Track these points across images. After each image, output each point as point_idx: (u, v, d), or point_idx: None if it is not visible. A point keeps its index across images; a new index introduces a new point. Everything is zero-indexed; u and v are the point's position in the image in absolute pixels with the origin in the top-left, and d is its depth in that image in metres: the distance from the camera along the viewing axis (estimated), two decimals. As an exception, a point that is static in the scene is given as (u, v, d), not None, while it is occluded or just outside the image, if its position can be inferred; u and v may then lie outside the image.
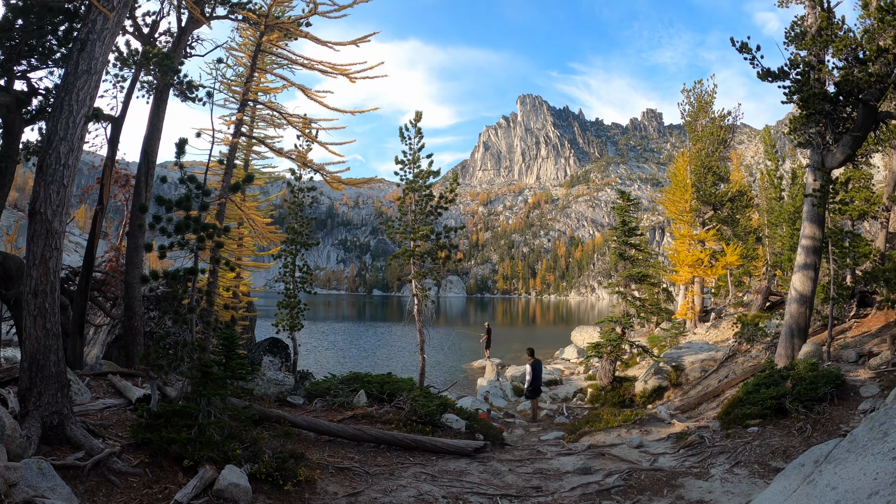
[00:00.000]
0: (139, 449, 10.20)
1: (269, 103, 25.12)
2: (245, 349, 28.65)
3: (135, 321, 20.52)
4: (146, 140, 21.46)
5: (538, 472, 14.00)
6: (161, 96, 21.55)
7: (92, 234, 19.72)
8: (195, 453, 9.99)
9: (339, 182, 23.91)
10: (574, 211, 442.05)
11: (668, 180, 59.77)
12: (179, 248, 12.35)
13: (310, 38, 22.93)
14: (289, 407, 17.87)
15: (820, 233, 21.15)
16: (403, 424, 16.51)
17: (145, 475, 9.47)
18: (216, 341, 13.66)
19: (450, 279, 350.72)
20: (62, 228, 10.27)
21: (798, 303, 21.28)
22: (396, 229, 29.32)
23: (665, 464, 13.96)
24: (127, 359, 20.22)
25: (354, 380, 20.08)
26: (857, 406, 14.32)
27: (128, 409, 13.19)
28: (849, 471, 6.50)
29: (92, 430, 10.53)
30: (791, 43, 20.32)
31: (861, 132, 19.02)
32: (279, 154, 24.04)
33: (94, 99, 10.89)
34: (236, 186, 16.08)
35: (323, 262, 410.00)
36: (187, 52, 22.81)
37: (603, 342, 30.84)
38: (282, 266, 32.36)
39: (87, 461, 9.06)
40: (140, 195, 21.04)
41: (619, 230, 32.99)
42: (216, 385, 10.99)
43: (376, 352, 60.90)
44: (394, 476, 12.72)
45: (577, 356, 54.14)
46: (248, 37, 25.15)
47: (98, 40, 10.83)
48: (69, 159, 10.25)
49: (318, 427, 14.94)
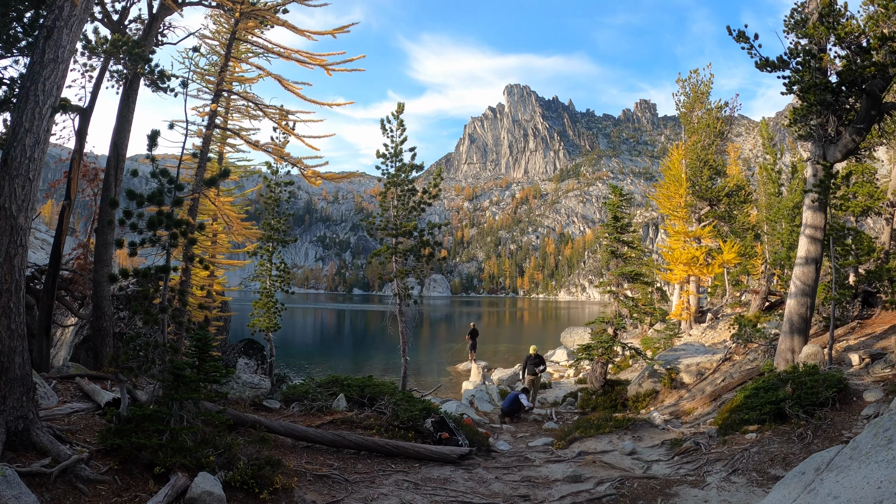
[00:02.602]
0: (108, 455, 10.17)
1: (245, 94, 25.06)
2: (219, 351, 28.66)
3: (104, 321, 20.42)
4: (116, 132, 21.31)
5: (526, 480, 14.01)
6: (131, 86, 21.42)
7: (59, 231, 19.63)
8: (167, 460, 9.98)
9: (317, 177, 23.88)
10: (564, 206, 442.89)
11: (662, 174, 59.72)
12: (151, 244, 12.34)
13: (287, 26, 22.89)
14: (265, 411, 17.83)
15: (822, 221, 21.05)
16: (385, 430, 16.49)
17: (114, 482, 9.45)
18: (189, 342, 13.65)
19: (433, 278, 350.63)
20: (28, 224, 10.24)
21: (799, 297, 21.10)
22: (378, 225, 29.24)
23: (659, 471, 13.99)
24: (95, 361, 20.10)
25: (333, 383, 20.02)
26: (860, 411, 14.27)
27: (96, 413, 13.14)
28: (851, 479, 6.52)
29: (59, 435, 10.49)
30: (791, 31, 20.29)
31: (864, 124, 19.05)
32: (255, 147, 23.99)
33: (61, 89, 10.86)
34: (211, 180, 16.03)
35: (301, 259, 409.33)
36: (159, 40, 22.69)
37: (594, 344, 30.80)
38: (258, 264, 32.33)
39: (53, 468, 9.03)
40: (109, 189, 20.92)
41: (611, 226, 32.96)
42: (189, 388, 10.99)
43: (357, 354, 60.88)
44: (375, 484, 12.71)
45: (566, 358, 54.21)
46: (223, 24, 25.07)
47: (65, 27, 10.81)
48: (35, 152, 10.22)
49: (296, 432, 14.93)
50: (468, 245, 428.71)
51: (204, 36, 24.68)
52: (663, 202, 51.91)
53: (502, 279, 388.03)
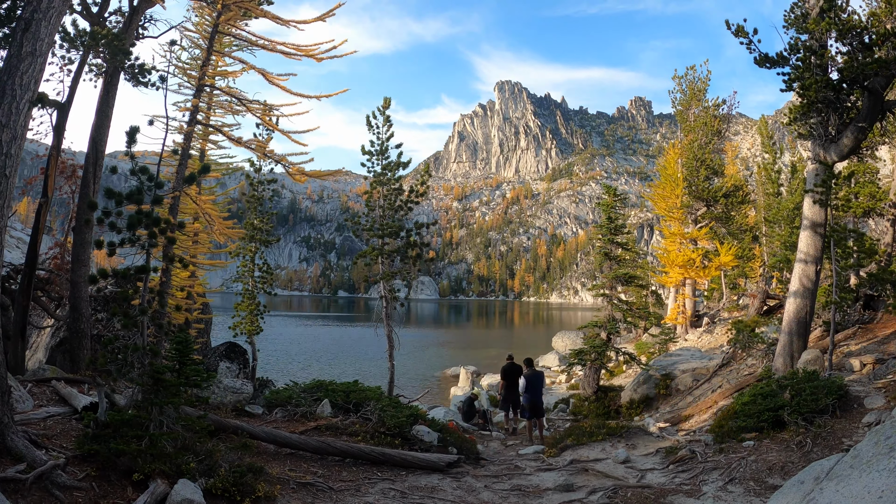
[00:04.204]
0: (85, 461, 10.14)
1: (228, 88, 25.06)
2: (200, 354, 28.56)
3: (81, 323, 20.40)
4: (95, 128, 21.28)
5: (516, 489, 14.01)
6: (111, 80, 21.39)
7: (35, 229, 19.60)
8: (146, 466, 9.96)
9: (302, 174, 23.90)
10: (556, 207, 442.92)
11: (657, 174, 59.88)
12: (130, 244, 12.29)
13: (270, 16, 22.92)
14: (247, 417, 17.81)
15: (823, 217, 21.00)
16: (371, 437, 16.45)
17: (92, 489, 9.42)
18: (169, 345, 13.61)
19: (421, 280, 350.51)
20: (3, 223, 10.21)
21: (799, 297, 21.12)
22: (363, 226, 29.18)
23: (653, 480, 14.00)
24: (72, 364, 20.09)
25: (318, 388, 19.96)
26: (860, 419, 14.29)
27: (73, 418, 13.11)
28: (852, 488, 6.53)
29: (34, 440, 10.46)
30: (791, 26, 20.34)
31: (866, 122, 19.10)
32: (238, 143, 24.01)
33: (38, 83, 10.83)
34: (191, 178, 16.00)
35: (284, 260, 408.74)
36: (139, 33, 22.64)
37: (587, 349, 30.86)
38: (240, 265, 32.34)
39: (28, 474, 8.99)
40: (88, 187, 20.90)
41: (605, 228, 33.04)
42: (169, 393, 10.97)
43: (342, 358, 60.89)
44: (360, 492, 12.69)
45: (558, 363, 54.37)
46: (205, 16, 25.10)
47: (43, 20, 10.78)
48: (11, 148, 10.20)
49: (279, 439, 14.90)
50: (457, 246, 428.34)
51: (186, 29, 24.70)
52: (659, 203, 51.97)
53: (492, 282, 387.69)
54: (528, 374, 23.53)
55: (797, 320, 21.15)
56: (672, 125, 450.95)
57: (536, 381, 23.42)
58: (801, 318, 21.13)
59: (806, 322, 21.25)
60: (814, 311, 21.97)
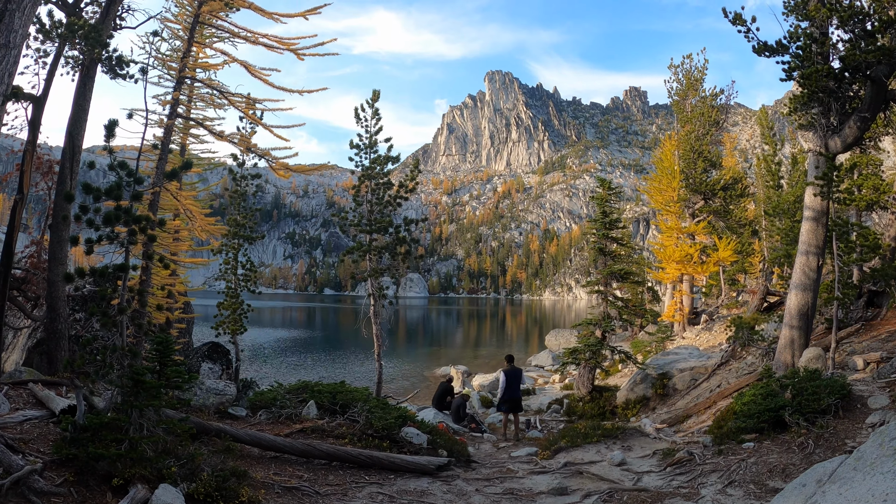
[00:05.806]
0: (63, 466, 10.12)
1: (209, 81, 25.03)
2: (181, 355, 28.56)
3: (59, 324, 20.35)
4: (71, 122, 21.19)
5: (508, 493, 14.01)
6: (88, 73, 21.31)
7: (10, 227, 19.53)
8: (126, 471, 9.95)
9: (286, 169, 23.90)
10: (549, 201, 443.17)
11: (653, 166, 59.92)
12: (108, 242, 12.28)
13: (253, 8, 22.90)
14: (230, 419, 17.77)
15: (825, 207, 20.96)
16: (358, 439, 16.44)
17: (70, 495, 9.41)
18: (149, 346, 13.60)
19: (410, 277, 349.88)
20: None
21: (800, 291, 20.93)
22: (350, 221, 29.16)
23: (650, 483, 14.02)
24: (50, 365, 20.02)
25: (303, 389, 19.91)
26: (864, 419, 14.29)
27: (51, 421, 13.07)
28: (855, 491, 6.54)
29: (10, 444, 10.44)
30: (791, 13, 20.27)
31: (869, 113, 19.08)
32: (220, 138, 23.99)
33: (13, 76, 10.83)
34: (172, 173, 16.02)
35: (268, 257, 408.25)
36: (117, 23, 22.54)
37: (581, 347, 30.83)
38: (223, 262, 32.31)
39: (4, 480, 8.96)
40: (65, 183, 20.83)
41: (599, 222, 33.00)
42: (149, 395, 10.96)
43: (328, 358, 60.85)
44: (347, 497, 12.70)
45: (551, 363, 54.30)
46: (185, 6, 25.02)
47: (17, 10, 10.77)
48: (-15, 143, 10.18)
49: (263, 442, 14.89)
50: (447, 242, 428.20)
51: (166, 19, 24.66)
52: (655, 196, 52.04)
53: (483, 279, 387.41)
54: (507, 370, 24.74)
55: (799, 314, 20.99)
56: (668, 116, 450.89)
57: (515, 377, 24.68)
58: (803, 312, 20.95)
59: (808, 316, 21.10)
60: (816, 304, 21.84)
